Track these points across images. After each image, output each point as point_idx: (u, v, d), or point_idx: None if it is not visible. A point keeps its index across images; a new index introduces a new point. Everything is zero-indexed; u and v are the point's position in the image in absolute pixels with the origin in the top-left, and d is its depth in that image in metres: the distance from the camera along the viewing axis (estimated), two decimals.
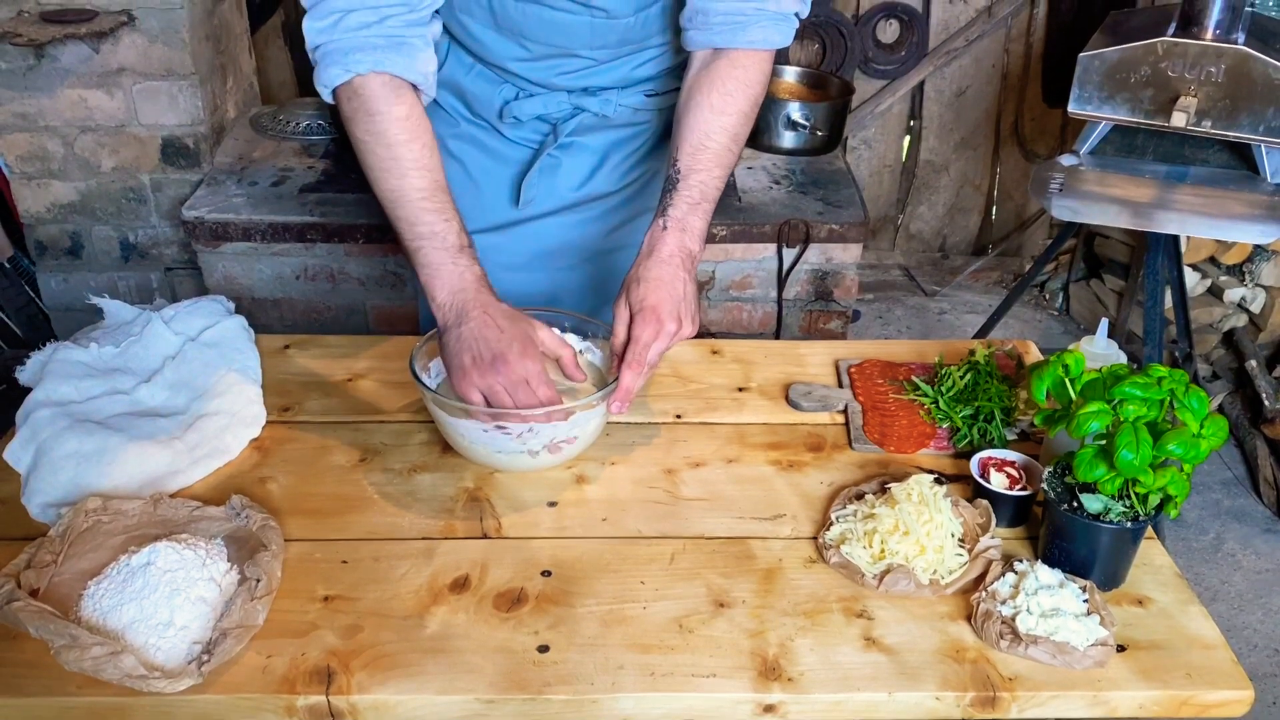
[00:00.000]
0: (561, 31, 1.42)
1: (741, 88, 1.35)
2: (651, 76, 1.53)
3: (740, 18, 1.33)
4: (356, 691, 1.00)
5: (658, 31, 1.45)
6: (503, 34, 1.45)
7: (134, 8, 2.46)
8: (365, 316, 2.65)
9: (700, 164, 1.32)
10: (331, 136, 2.83)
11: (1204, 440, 1.05)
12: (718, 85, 1.34)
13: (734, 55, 1.35)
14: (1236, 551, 2.59)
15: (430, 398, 1.23)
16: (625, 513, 1.23)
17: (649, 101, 1.55)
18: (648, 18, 1.42)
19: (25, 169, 2.63)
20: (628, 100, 1.53)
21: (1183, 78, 2.24)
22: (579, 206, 1.59)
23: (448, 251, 1.25)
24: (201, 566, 1.05)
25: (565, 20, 1.40)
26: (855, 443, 1.35)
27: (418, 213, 1.26)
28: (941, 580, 1.11)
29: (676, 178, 1.33)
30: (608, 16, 1.39)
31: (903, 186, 3.73)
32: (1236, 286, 3.06)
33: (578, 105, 1.52)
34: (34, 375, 1.33)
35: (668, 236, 1.30)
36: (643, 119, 1.57)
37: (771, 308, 2.69)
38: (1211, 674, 1.03)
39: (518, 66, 1.49)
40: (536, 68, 1.48)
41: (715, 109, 1.34)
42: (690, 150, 1.33)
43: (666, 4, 1.41)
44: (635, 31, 1.43)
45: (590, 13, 1.39)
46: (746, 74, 1.35)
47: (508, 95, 1.53)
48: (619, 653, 1.04)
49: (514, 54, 1.47)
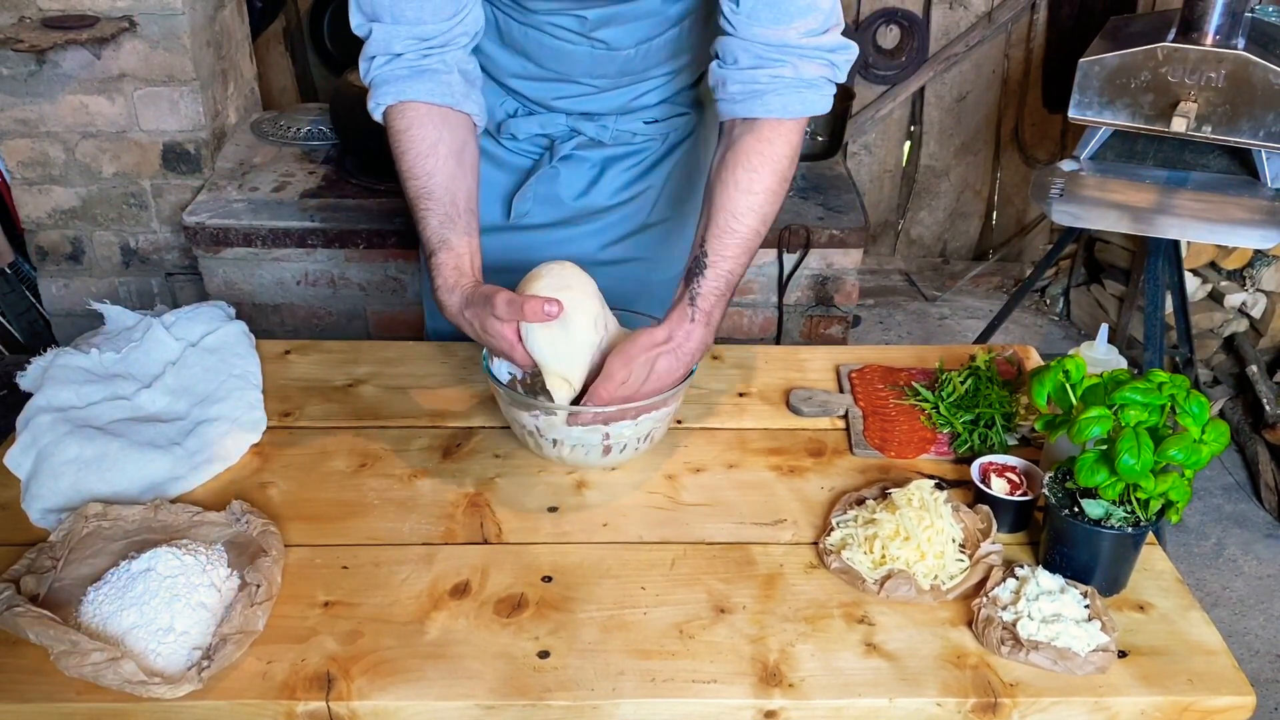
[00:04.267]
0: (562, 58, 1.43)
1: (767, 164, 1.27)
2: (651, 105, 1.53)
3: (755, 86, 1.26)
4: (357, 697, 0.99)
5: (659, 64, 1.45)
6: (507, 50, 1.46)
7: (135, 14, 2.46)
8: (366, 322, 2.65)
9: (729, 250, 1.25)
10: (332, 142, 2.84)
11: (1205, 445, 1.05)
12: (742, 161, 1.27)
13: (759, 128, 1.28)
14: (1238, 557, 2.59)
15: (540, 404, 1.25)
16: (626, 518, 1.23)
17: (648, 128, 1.55)
18: (649, 50, 1.42)
19: (26, 174, 2.64)
20: (626, 126, 1.53)
21: (1183, 83, 2.25)
22: (574, 220, 1.59)
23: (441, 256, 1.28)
24: (202, 572, 1.05)
25: (566, 49, 1.41)
26: (856, 448, 1.35)
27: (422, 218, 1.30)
28: (942, 586, 1.11)
29: (705, 261, 1.25)
30: (608, 48, 1.40)
31: (903, 192, 3.74)
32: (1237, 291, 3.06)
33: (574, 128, 1.53)
34: (35, 381, 1.33)
35: (694, 331, 1.23)
36: (642, 142, 1.57)
37: (772, 313, 2.69)
38: (1213, 680, 1.03)
39: (518, 84, 1.50)
40: (537, 88, 1.50)
41: (741, 187, 1.26)
42: (718, 232, 1.26)
43: (669, 37, 1.41)
44: (635, 63, 1.43)
45: (590, 44, 1.40)
46: (771, 148, 1.27)
47: (509, 110, 1.54)
48: (619, 658, 1.04)
49: (516, 70, 1.48)
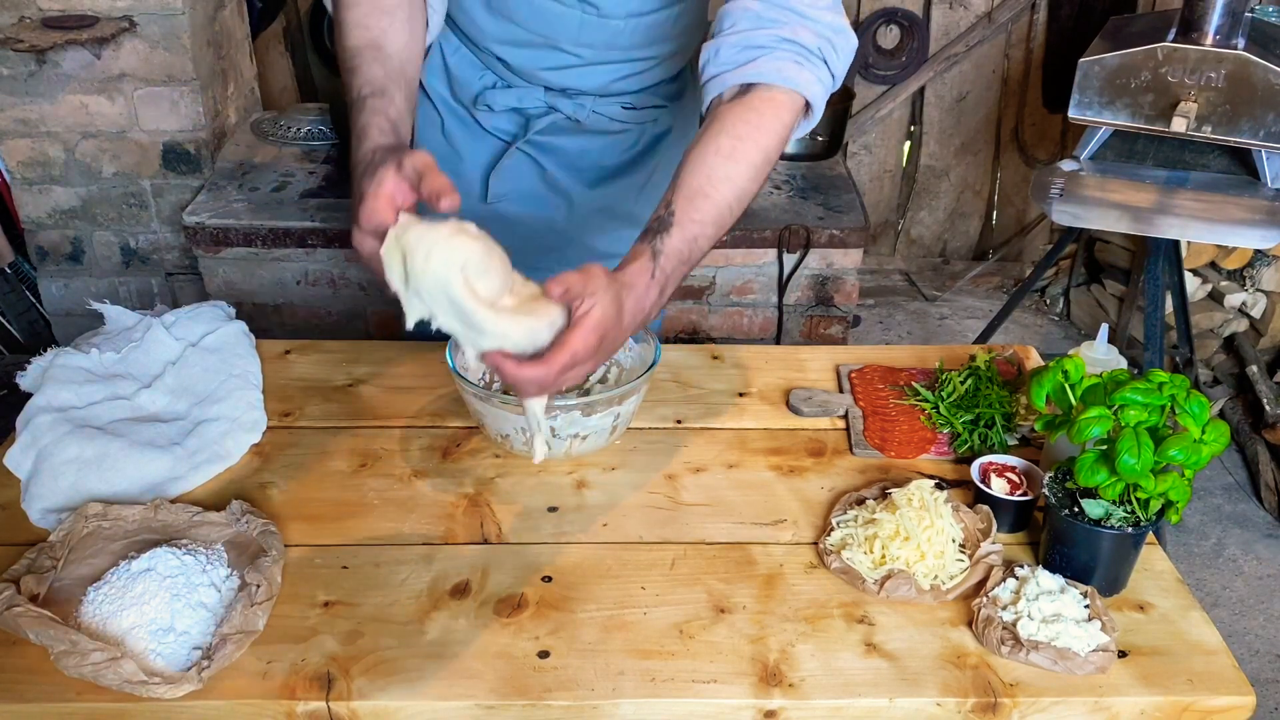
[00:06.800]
0: (550, 21, 1.41)
1: (753, 133, 1.16)
2: (633, 91, 1.52)
3: (753, 47, 1.18)
4: (357, 697, 0.99)
5: (646, 44, 1.44)
6: (492, 13, 1.44)
7: (135, 14, 2.46)
8: (366, 322, 2.65)
9: (699, 214, 1.12)
10: (332, 142, 2.84)
11: (1205, 445, 1.05)
12: (728, 128, 1.16)
13: (749, 98, 1.18)
14: (1238, 557, 2.59)
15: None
16: (626, 518, 1.23)
17: (626, 114, 1.54)
18: (638, 26, 1.41)
19: (27, 174, 2.64)
20: (603, 109, 1.52)
21: (1183, 83, 2.25)
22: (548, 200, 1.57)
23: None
24: (202, 572, 1.05)
25: (555, 10, 1.39)
26: (856, 448, 1.35)
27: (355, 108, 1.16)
28: (942, 586, 1.11)
29: (670, 220, 1.11)
30: (598, 14, 1.39)
31: (903, 192, 3.74)
32: (1237, 291, 3.06)
33: (551, 104, 1.51)
34: (35, 381, 1.33)
35: (650, 288, 1.09)
36: (618, 129, 1.55)
37: (772, 313, 2.69)
38: (1213, 680, 1.03)
39: (501, 50, 1.48)
40: (520, 54, 1.47)
41: (723, 153, 1.15)
42: (689, 195, 1.12)
43: (661, 18, 1.40)
44: (624, 37, 1.42)
45: (582, 7, 1.38)
46: (761, 119, 1.17)
47: (487, 82, 1.53)
48: (619, 658, 1.04)
49: (500, 35, 1.46)
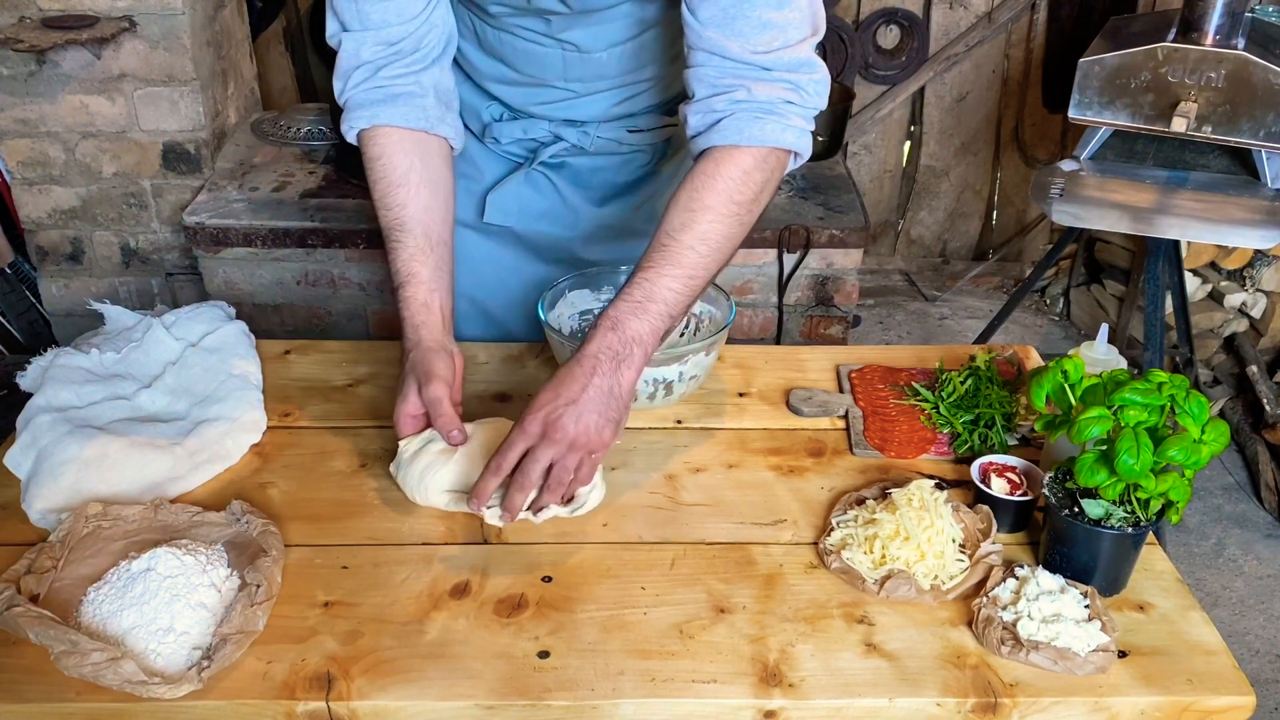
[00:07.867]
0: (536, 62, 1.43)
1: (710, 183, 1.22)
2: (633, 113, 1.52)
3: (712, 114, 1.24)
4: (357, 697, 0.99)
5: (634, 69, 1.44)
6: (487, 56, 1.46)
7: (135, 14, 2.46)
8: (366, 322, 2.65)
9: (652, 262, 1.19)
10: (332, 142, 2.84)
11: (1205, 445, 1.05)
12: (686, 183, 1.23)
13: (711, 153, 1.25)
14: (1238, 557, 2.59)
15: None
16: (625, 518, 1.23)
17: (633, 137, 1.54)
18: (622, 53, 1.41)
19: (27, 174, 2.64)
20: (608, 134, 1.52)
21: (1183, 83, 2.25)
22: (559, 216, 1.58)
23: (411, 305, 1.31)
24: (202, 572, 1.05)
25: (539, 52, 1.41)
26: (856, 448, 1.35)
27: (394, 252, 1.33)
28: (942, 586, 1.11)
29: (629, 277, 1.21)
30: (578, 50, 1.40)
31: (903, 192, 3.74)
32: (1237, 292, 3.06)
33: (557, 134, 1.53)
34: (35, 381, 1.33)
35: (594, 335, 1.16)
36: (626, 150, 1.56)
37: (772, 313, 2.69)
38: (1213, 680, 1.03)
39: (499, 90, 1.50)
40: (517, 93, 1.50)
41: (680, 205, 1.22)
42: (649, 250, 1.21)
43: (644, 41, 1.40)
44: (610, 67, 1.43)
45: (561, 46, 1.39)
46: (719, 169, 1.22)
47: (493, 114, 1.55)
48: (619, 658, 1.04)
49: (495, 75, 1.48)
